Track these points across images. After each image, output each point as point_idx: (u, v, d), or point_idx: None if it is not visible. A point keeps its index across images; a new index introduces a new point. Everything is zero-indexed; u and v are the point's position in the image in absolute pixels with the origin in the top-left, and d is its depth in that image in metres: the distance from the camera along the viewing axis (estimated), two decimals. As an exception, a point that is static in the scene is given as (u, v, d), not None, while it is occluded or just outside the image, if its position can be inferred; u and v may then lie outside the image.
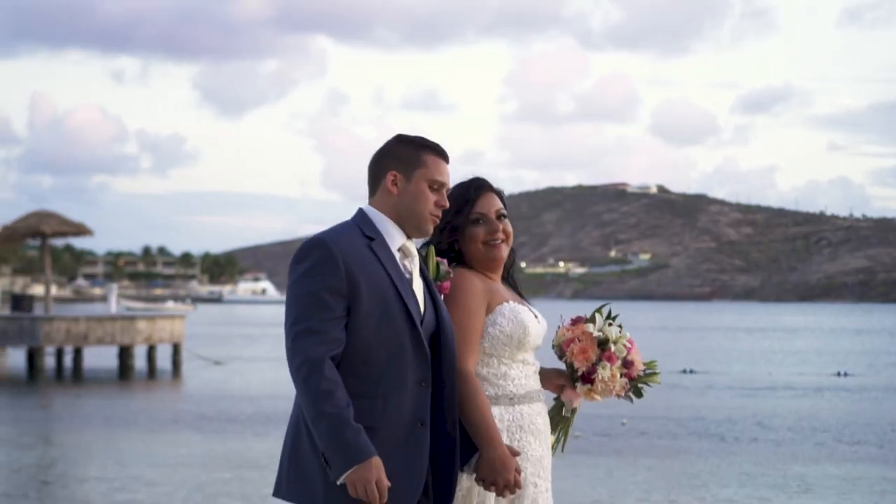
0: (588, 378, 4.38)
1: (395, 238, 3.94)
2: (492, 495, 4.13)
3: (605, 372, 4.35)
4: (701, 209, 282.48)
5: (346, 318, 3.77)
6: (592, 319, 4.44)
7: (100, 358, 37.03)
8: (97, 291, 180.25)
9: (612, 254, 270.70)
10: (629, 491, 14.43)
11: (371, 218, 3.95)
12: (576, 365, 4.39)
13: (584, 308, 4.81)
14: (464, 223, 4.31)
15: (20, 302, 37.69)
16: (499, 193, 4.40)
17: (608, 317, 4.47)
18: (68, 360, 35.62)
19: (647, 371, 4.50)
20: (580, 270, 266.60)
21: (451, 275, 4.23)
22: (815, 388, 31.42)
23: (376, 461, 3.68)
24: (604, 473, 15.81)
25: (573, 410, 4.52)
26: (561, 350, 4.44)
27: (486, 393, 4.19)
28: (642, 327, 71.30)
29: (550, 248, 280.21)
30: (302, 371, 3.70)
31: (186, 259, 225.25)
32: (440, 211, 4.01)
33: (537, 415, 4.28)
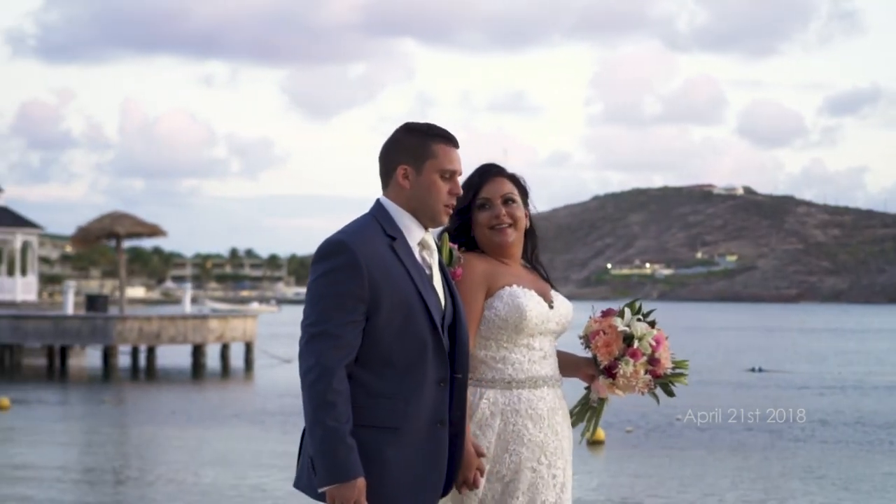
0: (610, 372, 4.35)
1: (414, 233, 3.91)
2: (482, 482, 4.11)
3: (627, 367, 4.32)
4: (788, 211, 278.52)
5: (363, 323, 3.75)
6: (622, 313, 4.41)
7: (174, 356, 37.67)
8: (189, 294, 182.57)
9: (699, 255, 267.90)
10: (686, 485, 14.37)
11: (390, 212, 3.91)
12: (598, 358, 4.37)
13: (671, 310, 4.78)
14: (471, 208, 4.34)
15: (95, 302, 38.49)
16: (512, 178, 4.41)
17: (637, 311, 4.43)
18: (142, 358, 36.26)
19: (676, 370, 4.44)
20: (666, 272, 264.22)
21: (463, 260, 4.26)
22: (886, 386, 30.94)
23: (360, 483, 3.69)
24: (655, 468, 15.77)
25: (601, 400, 4.49)
26: (587, 341, 4.42)
27: (484, 377, 4.23)
28: (728, 328, 70.51)
29: (637, 250, 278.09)
30: (311, 374, 3.70)
31: (273, 261, 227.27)
32: (454, 199, 3.96)
33: (539, 400, 4.25)
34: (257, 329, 38.25)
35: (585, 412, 4.50)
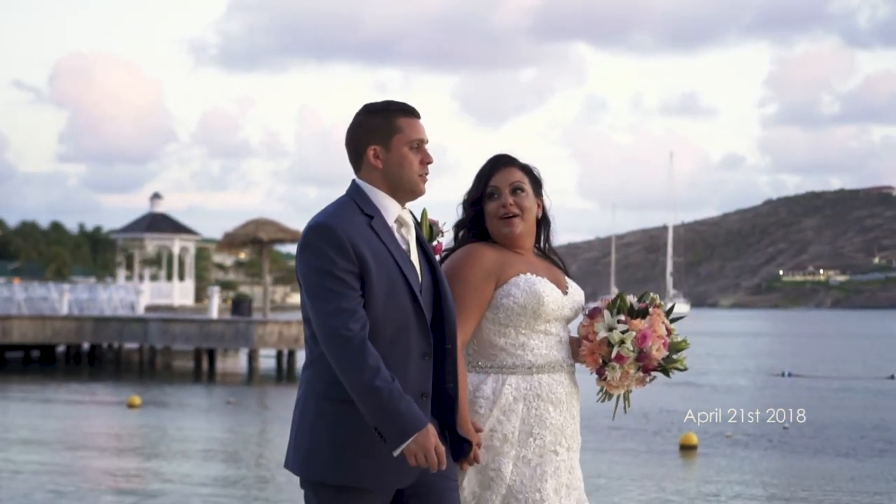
0: (600, 376, 4.36)
1: (390, 211, 3.98)
2: (509, 466, 4.22)
3: (614, 373, 4.33)
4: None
5: (362, 296, 3.82)
6: (615, 304, 4.36)
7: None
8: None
9: (876, 261, 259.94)
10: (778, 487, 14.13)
11: (366, 192, 3.98)
12: (586, 366, 4.38)
13: (845, 318, 4.63)
14: (482, 199, 4.39)
15: (239, 306, 39.50)
16: (524, 168, 4.43)
17: (619, 308, 4.35)
18: (285, 361, 37.07)
19: (671, 357, 4.38)
20: (841, 279, 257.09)
21: (444, 235, 4.34)
22: None
23: (431, 428, 3.75)
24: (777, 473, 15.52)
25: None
26: (579, 343, 4.43)
27: (504, 363, 4.28)
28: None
29: (810, 256, 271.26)
30: (346, 349, 3.73)
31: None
32: (427, 168, 4.01)
33: (558, 384, 4.32)
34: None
35: (607, 395, 4.48)
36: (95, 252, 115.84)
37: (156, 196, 54.69)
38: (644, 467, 16.20)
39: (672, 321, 4.41)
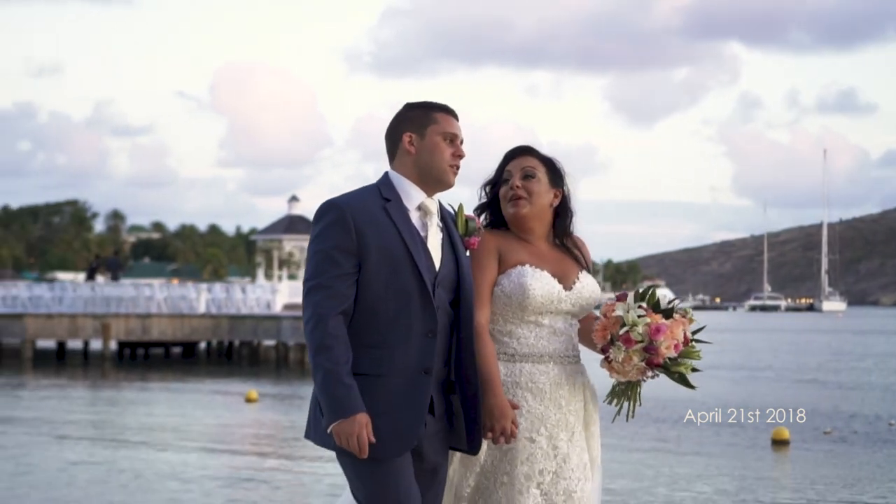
0: (605, 355, 4.42)
1: (412, 197, 4.15)
2: (483, 447, 4.33)
3: (618, 353, 4.36)
4: None
5: (356, 275, 4.00)
6: (643, 295, 4.42)
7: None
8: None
9: None
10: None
11: (391, 180, 4.18)
12: (595, 340, 4.44)
13: None
14: (497, 184, 4.55)
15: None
16: (541, 157, 4.54)
17: (644, 299, 4.40)
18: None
19: (679, 359, 4.38)
20: None
21: (481, 231, 4.44)
22: None
23: (361, 417, 3.92)
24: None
25: (630, 383, 4.50)
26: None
27: None
28: None
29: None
30: (310, 324, 3.97)
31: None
32: (458, 161, 4.21)
33: (541, 374, 4.39)
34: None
35: (618, 392, 4.54)
36: (250, 253, 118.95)
37: (293, 199, 55.82)
38: (735, 460, 16.14)
39: (697, 342, 4.42)
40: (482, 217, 4.57)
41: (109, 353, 40.50)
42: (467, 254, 4.34)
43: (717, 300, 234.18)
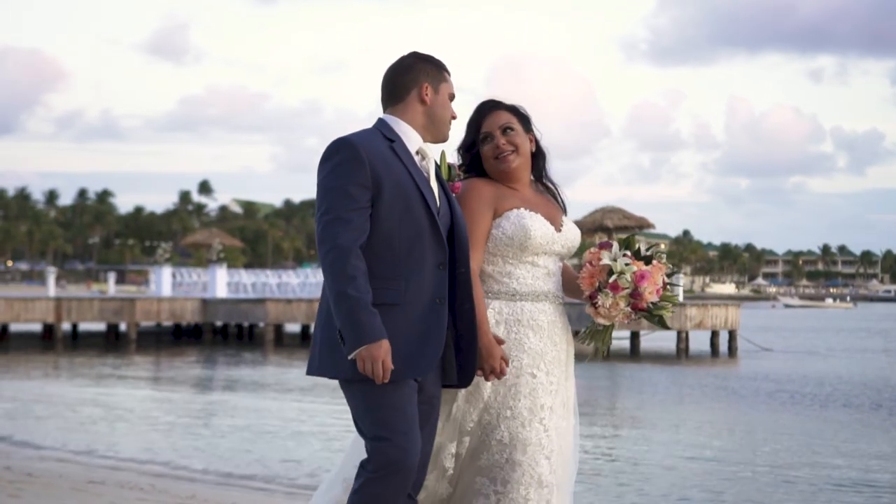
0: (592, 301, 4.60)
1: (412, 141, 4.27)
2: (487, 384, 4.47)
3: (606, 299, 4.54)
4: None
5: (370, 209, 4.07)
6: (625, 242, 4.64)
7: (662, 341, 39.73)
8: (772, 290, 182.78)
9: None
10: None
11: (390, 124, 4.28)
12: (582, 287, 4.62)
13: None
14: (475, 144, 4.66)
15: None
16: (510, 108, 4.67)
17: (627, 246, 4.61)
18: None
19: (660, 303, 4.61)
20: None
21: (462, 177, 4.64)
22: None
23: (385, 344, 3.97)
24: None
25: (606, 326, 4.69)
26: (579, 270, 4.72)
27: (490, 289, 4.53)
28: None
29: None
30: (330, 256, 4.00)
31: (866, 257, 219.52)
32: (453, 122, 4.42)
33: (541, 312, 4.54)
34: (740, 318, 39.01)
35: (593, 333, 4.72)
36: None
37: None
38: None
39: (672, 285, 4.70)
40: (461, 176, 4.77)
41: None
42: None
43: None
